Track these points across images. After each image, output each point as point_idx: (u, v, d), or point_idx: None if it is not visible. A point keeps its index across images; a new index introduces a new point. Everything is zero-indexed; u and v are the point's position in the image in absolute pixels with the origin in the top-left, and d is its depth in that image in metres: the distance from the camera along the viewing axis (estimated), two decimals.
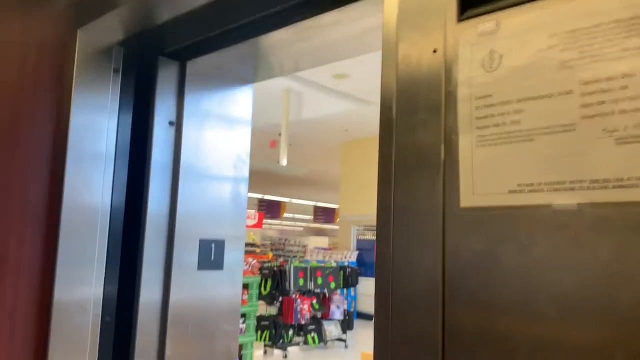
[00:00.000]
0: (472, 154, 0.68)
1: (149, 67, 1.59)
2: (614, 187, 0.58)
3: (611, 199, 0.58)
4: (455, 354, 0.67)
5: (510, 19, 0.68)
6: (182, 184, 1.58)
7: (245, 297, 6.36)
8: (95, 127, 1.47)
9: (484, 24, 0.69)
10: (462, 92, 0.70)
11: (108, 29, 1.47)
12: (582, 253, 0.58)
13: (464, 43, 0.71)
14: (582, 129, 0.60)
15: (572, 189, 0.60)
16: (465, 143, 0.69)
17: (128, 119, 1.56)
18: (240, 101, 1.73)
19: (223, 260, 1.65)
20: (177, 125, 1.60)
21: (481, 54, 0.69)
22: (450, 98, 0.71)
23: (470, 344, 0.66)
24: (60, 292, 1.39)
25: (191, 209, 1.59)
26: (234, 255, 1.68)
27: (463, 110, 0.69)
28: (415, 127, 0.74)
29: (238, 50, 1.48)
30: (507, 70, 0.67)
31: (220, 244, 1.65)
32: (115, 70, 1.52)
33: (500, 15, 0.69)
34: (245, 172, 1.73)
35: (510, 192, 0.65)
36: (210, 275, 1.62)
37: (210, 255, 1.63)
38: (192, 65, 1.62)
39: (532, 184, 0.63)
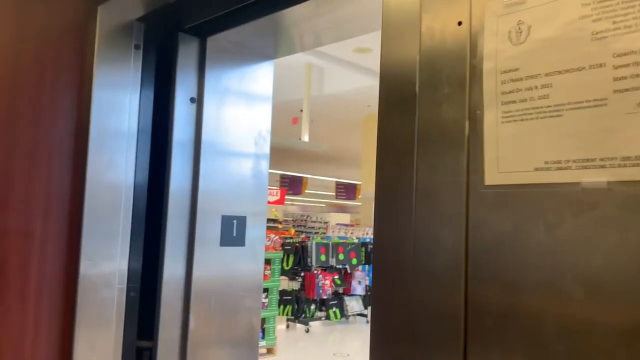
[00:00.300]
0: (497, 130, 0.66)
1: (169, 43, 1.58)
2: None
3: None
4: (479, 332, 0.66)
5: None
6: (203, 161, 1.58)
7: (268, 272, 6.44)
8: (117, 104, 1.48)
9: None
10: (487, 66, 0.68)
11: (128, 5, 1.46)
12: (612, 233, 0.56)
13: (490, 14, 0.68)
14: (614, 103, 0.57)
15: (602, 166, 0.57)
16: (490, 119, 0.67)
17: (149, 96, 1.56)
18: (261, 77, 1.72)
19: (245, 236, 1.66)
20: (198, 101, 1.60)
21: (508, 26, 0.66)
22: (476, 72, 0.69)
23: (494, 323, 0.65)
24: (86, 267, 1.42)
25: (213, 186, 1.60)
26: (255, 232, 1.69)
27: (488, 84, 0.67)
28: (439, 102, 0.72)
29: (258, 26, 1.46)
30: (535, 43, 0.64)
31: (242, 220, 1.66)
32: (136, 47, 1.52)
33: None
34: (266, 149, 1.72)
35: (537, 169, 0.63)
36: (233, 251, 1.64)
37: (232, 232, 1.64)
38: (213, 42, 1.60)
39: (559, 161, 0.61)
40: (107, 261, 1.46)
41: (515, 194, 0.64)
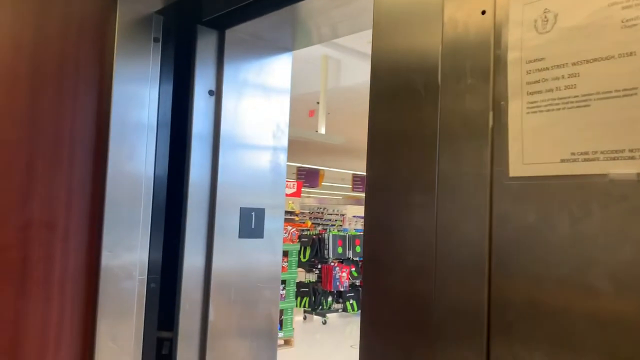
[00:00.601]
0: (522, 121, 0.64)
1: (188, 36, 1.59)
2: None
3: None
4: (502, 326, 0.65)
5: None
6: (222, 154, 1.59)
7: (285, 264, 6.47)
8: (137, 97, 1.49)
9: None
10: (512, 56, 0.66)
11: None
12: None
13: (515, 3, 0.67)
14: None
15: (632, 157, 0.56)
16: (515, 109, 0.65)
17: (169, 88, 1.57)
18: (279, 69, 1.72)
19: (263, 228, 1.67)
20: (217, 94, 1.60)
21: (534, 14, 0.65)
22: (500, 62, 0.67)
23: (518, 317, 0.64)
24: (107, 258, 1.43)
25: (231, 178, 1.60)
26: (274, 224, 1.69)
27: (513, 75, 0.66)
28: (462, 92, 0.70)
29: (276, 18, 1.45)
30: (562, 32, 0.62)
31: (260, 213, 1.66)
32: (156, 40, 1.52)
33: None
34: (284, 142, 1.72)
35: (563, 161, 0.61)
36: (251, 242, 1.64)
37: (251, 223, 1.64)
38: (231, 34, 1.60)
39: (586, 153, 0.60)
40: (127, 252, 1.47)
41: (540, 185, 0.63)
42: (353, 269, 8.70)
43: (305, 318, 8.49)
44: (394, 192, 0.79)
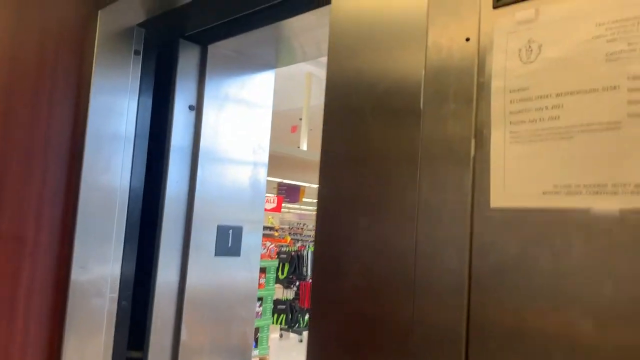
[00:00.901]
0: (504, 150, 0.64)
1: (169, 50, 1.57)
2: None
3: None
4: (480, 357, 0.64)
5: (551, 6, 0.63)
6: (200, 169, 1.56)
7: (262, 280, 6.39)
8: (115, 109, 1.46)
9: (522, 11, 0.65)
10: (495, 85, 0.66)
11: (129, 10, 1.45)
12: (623, 262, 0.54)
13: (499, 31, 0.66)
14: (628, 127, 0.55)
15: (615, 192, 0.55)
16: (497, 139, 0.64)
17: (148, 101, 1.55)
18: (261, 86, 1.70)
19: (240, 246, 1.64)
20: (197, 109, 1.58)
21: (518, 44, 0.64)
22: (483, 90, 0.67)
23: (497, 348, 0.62)
24: (77, 274, 1.39)
25: (209, 194, 1.58)
26: (251, 241, 1.67)
27: (496, 103, 0.65)
28: (444, 119, 0.70)
29: (260, 35, 1.45)
30: (546, 62, 0.62)
31: (237, 230, 1.64)
32: (136, 52, 1.50)
33: (540, 1, 0.64)
34: (264, 158, 1.70)
35: (545, 193, 0.60)
36: (228, 261, 1.62)
37: (228, 242, 1.61)
38: (214, 49, 1.59)
39: (569, 186, 0.59)
40: (99, 268, 1.43)
41: (522, 217, 0.62)
42: None
43: (281, 336, 8.39)
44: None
